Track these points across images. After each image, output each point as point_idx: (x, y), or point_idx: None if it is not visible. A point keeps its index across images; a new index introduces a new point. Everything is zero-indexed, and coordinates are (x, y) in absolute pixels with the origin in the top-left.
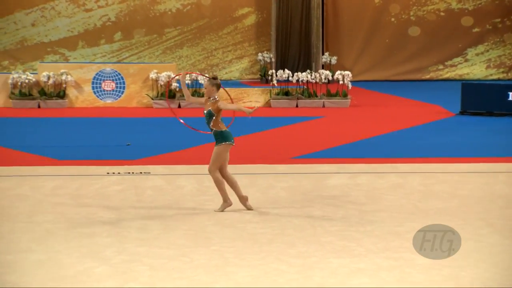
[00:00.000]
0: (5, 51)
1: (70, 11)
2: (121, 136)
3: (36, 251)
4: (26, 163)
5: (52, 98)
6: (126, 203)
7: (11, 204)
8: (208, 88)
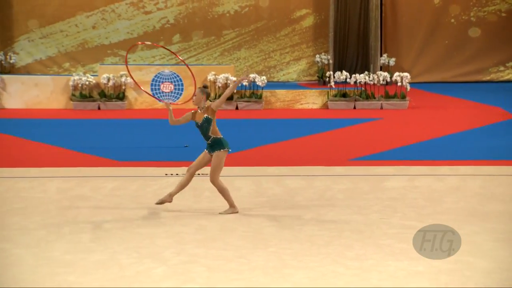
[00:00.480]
0: (66, 53)
1: (130, 14)
2: (179, 137)
3: (96, 251)
4: (87, 164)
5: (111, 100)
6: (184, 205)
7: (72, 205)
8: (198, 96)
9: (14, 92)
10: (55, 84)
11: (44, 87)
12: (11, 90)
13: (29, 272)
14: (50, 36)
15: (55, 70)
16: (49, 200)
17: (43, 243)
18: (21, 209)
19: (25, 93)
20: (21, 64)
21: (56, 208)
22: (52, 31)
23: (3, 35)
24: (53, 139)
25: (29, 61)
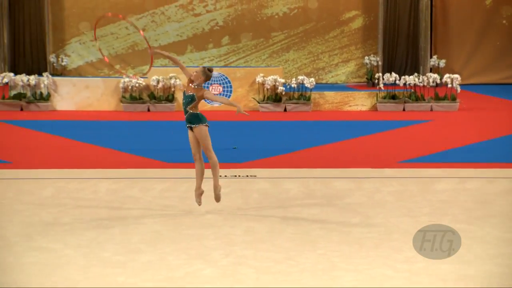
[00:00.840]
0: (117, 55)
1: (179, 16)
2: (227, 139)
3: (145, 252)
4: (136, 166)
5: (161, 102)
6: (233, 206)
7: (121, 206)
8: (198, 74)
9: (65, 94)
10: (106, 86)
11: (95, 89)
12: (63, 92)
13: (80, 272)
14: (101, 38)
15: (106, 72)
16: (99, 201)
17: (94, 243)
18: (72, 210)
19: (76, 95)
20: (72, 66)
21: (107, 209)
22: (103, 34)
23: (55, 38)
24: (103, 140)
25: (80, 63)
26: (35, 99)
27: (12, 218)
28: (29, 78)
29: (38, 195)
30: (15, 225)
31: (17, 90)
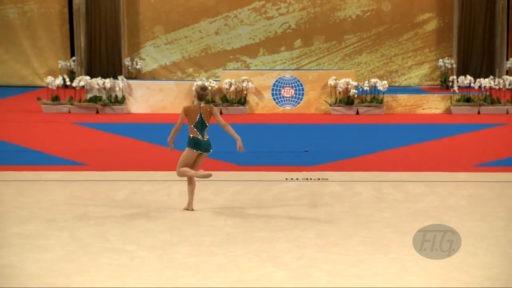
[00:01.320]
0: (190, 58)
1: (252, 19)
2: (299, 142)
3: (217, 254)
4: (209, 168)
5: (233, 105)
6: (304, 209)
7: (194, 208)
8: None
9: (139, 97)
10: (179, 89)
11: (168, 92)
12: (137, 95)
13: (154, 274)
14: (174, 42)
15: (179, 76)
16: (172, 203)
17: (167, 245)
18: (146, 212)
19: (150, 98)
20: (146, 69)
21: (179, 211)
22: (177, 37)
23: (130, 42)
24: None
25: (154, 66)
26: (110, 102)
27: (87, 220)
28: (105, 81)
29: (112, 197)
30: (90, 226)
31: (93, 93)
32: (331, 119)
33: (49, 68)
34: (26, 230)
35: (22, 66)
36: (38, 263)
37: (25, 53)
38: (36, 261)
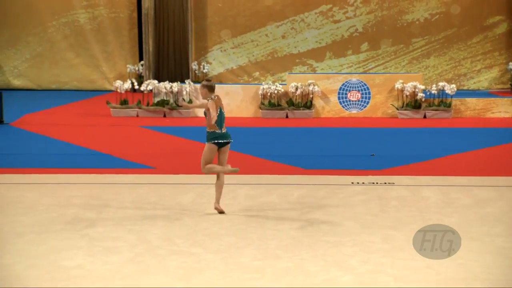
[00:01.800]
0: (256, 62)
1: (319, 23)
2: (365, 146)
3: (283, 258)
4: (274, 172)
5: (299, 108)
6: (370, 213)
7: (259, 212)
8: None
9: None
10: (245, 93)
11: (235, 95)
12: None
13: (219, 276)
14: (241, 46)
15: (245, 79)
16: (238, 207)
17: (233, 248)
18: (212, 215)
19: None
20: (213, 73)
21: (245, 215)
22: (243, 41)
23: (197, 45)
24: (242, 146)
25: (221, 70)
26: (178, 106)
27: (155, 222)
28: (172, 85)
29: (179, 200)
30: (157, 228)
31: (161, 97)
32: (397, 123)
33: (118, 72)
34: (94, 232)
35: (92, 70)
36: (106, 265)
37: (95, 58)
38: (105, 263)
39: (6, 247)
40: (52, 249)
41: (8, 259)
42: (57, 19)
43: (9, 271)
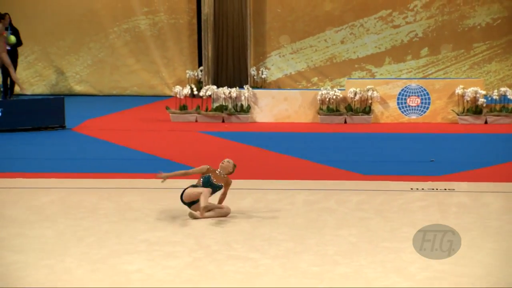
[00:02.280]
0: (315, 67)
1: (378, 28)
2: (425, 152)
3: (342, 264)
4: (332, 178)
5: (358, 114)
6: (430, 220)
7: (318, 218)
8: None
9: (264, 106)
10: (303, 98)
11: (293, 101)
12: (262, 104)
13: (277, 282)
14: (300, 51)
15: (304, 85)
16: (296, 212)
17: (291, 254)
18: (270, 220)
19: (275, 107)
20: (271, 79)
21: (303, 220)
22: (302, 46)
23: (256, 51)
24: (300, 152)
25: (279, 75)
26: (236, 111)
27: (213, 227)
28: (231, 90)
29: (237, 205)
30: (216, 233)
31: (219, 102)
32: (458, 129)
33: (177, 78)
34: (154, 237)
35: (152, 76)
36: (166, 269)
37: (155, 63)
38: (164, 267)
39: (68, 250)
40: (113, 253)
41: (70, 263)
42: (118, 25)
43: (71, 275)
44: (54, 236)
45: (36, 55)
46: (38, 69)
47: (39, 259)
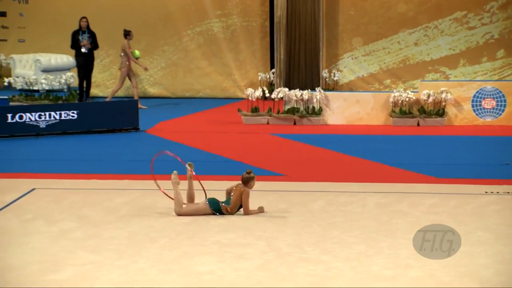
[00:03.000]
0: (388, 70)
1: (453, 30)
2: (500, 155)
3: (414, 267)
4: (405, 180)
5: (431, 116)
6: (505, 224)
7: (390, 220)
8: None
9: (336, 108)
10: (376, 101)
11: (365, 103)
12: (334, 107)
13: (349, 285)
14: (372, 53)
15: (376, 87)
16: (368, 215)
17: (362, 257)
18: (341, 223)
19: (347, 110)
20: (343, 81)
21: (375, 223)
22: (375, 49)
23: (328, 53)
24: (372, 154)
25: (352, 78)
26: (308, 114)
27: (284, 229)
28: (302, 93)
29: (308, 207)
30: (287, 236)
31: (291, 104)
32: None
33: (250, 80)
34: (225, 239)
35: (224, 79)
36: (237, 271)
37: (227, 66)
38: (236, 269)
39: (142, 251)
40: (185, 254)
41: (143, 264)
42: (192, 28)
43: (144, 275)
44: (127, 237)
45: (111, 58)
46: (113, 72)
47: (113, 260)
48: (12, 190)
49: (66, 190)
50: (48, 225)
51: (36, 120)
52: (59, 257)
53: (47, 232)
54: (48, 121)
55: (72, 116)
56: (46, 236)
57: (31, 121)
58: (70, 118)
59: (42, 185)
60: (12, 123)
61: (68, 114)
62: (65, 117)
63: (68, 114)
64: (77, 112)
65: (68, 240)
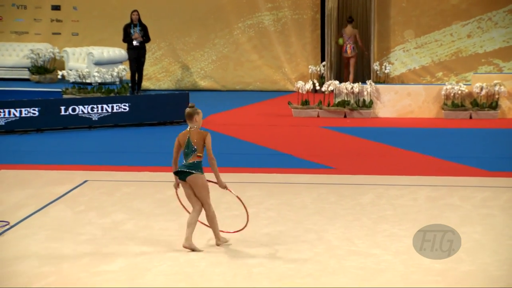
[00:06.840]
0: (440, 62)
1: (508, 22)
2: None
3: (465, 261)
4: (456, 174)
5: (484, 109)
6: None
7: (441, 214)
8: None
9: (387, 101)
10: (427, 94)
11: (416, 96)
12: (385, 99)
13: (400, 278)
14: (424, 45)
15: (428, 80)
16: (419, 208)
17: (413, 250)
18: (391, 216)
19: (398, 102)
20: (395, 73)
21: (426, 217)
22: (427, 41)
23: (380, 46)
24: (423, 147)
25: (403, 70)
26: (358, 106)
27: (334, 222)
28: (353, 86)
29: (358, 201)
30: (337, 229)
31: (341, 97)
32: None
33: (300, 73)
34: (275, 231)
35: (274, 71)
36: (287, 264)
37: (278, 59)
38: (285, 261)
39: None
40: (235, 246)
41: (194, 255)
42: (243, 21)
43: (194, 267)
44: (178, 229)
45: (162, 51)
46: (165, 64)
47: (164, 251)
48: (65, 182)
49: (118, 182)
50: (100, 217)
51: (89, 113)
52: (111, 248)
53: (99, 223)
54: (100, 113)
55: (124, 108)
56: (98, 228)
57: (83, 113)
58: (122, 111)
59: (95, 177)
60: (65, 115)
61: (120, 106)
62: (117, 110)
63: (120, 107)
64: (129, 105)
65: (119, 231)
